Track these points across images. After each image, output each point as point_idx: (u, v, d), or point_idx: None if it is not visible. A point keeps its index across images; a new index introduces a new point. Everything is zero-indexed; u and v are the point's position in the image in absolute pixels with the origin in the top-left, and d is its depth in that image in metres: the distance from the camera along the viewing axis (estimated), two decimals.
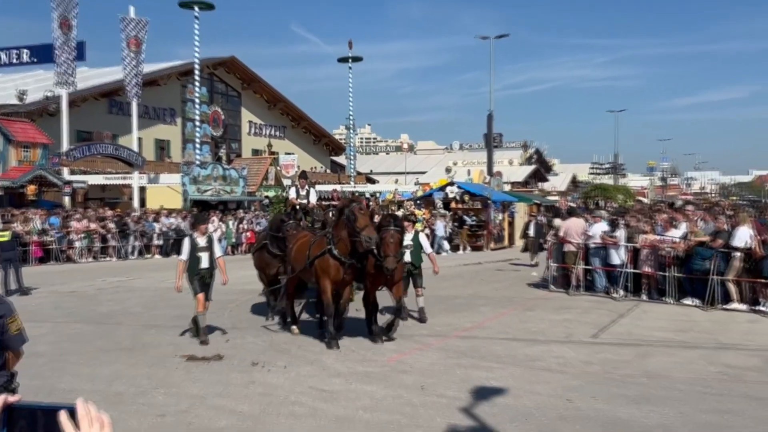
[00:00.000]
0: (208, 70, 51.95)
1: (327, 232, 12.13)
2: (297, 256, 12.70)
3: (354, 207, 11.57)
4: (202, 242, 12.08)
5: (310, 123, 65.93)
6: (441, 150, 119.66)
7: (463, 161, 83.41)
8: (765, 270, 14.83)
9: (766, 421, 7.73)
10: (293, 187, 16.27)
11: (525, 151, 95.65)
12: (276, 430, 7.49)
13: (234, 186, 42.77)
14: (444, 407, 8.28)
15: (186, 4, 40.56)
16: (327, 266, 11.78)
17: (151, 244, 31.30)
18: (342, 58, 54.05)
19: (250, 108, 60.71)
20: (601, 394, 8.83)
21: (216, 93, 56.79)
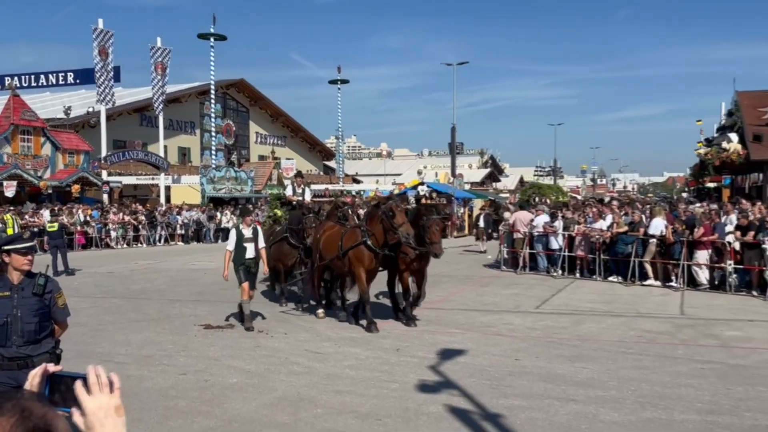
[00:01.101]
0: (221, 90, 51.54)
1: (361, 225, 11.07)
2: (328, 246, 11.46)
3: (392, 205, 10.50)
4: (247, 233, 10.85)
5: (306, 134, 65.60)
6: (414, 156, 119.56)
7: (432, 165, 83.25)
8: (675, 253, 14.94)
9: (676, 375, 7.79)
10: (290, 185, 15.21)
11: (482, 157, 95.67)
12: (278, 385, 7.46)
13: (244, 185, 42.75)
14: (416, 365, 8.29)
15: (203, 36, 40.42)
16: (362, 256, 10.73)
17: (174, 233, 31.24)
18: (332, 80, 54.11)
19: (257, 121, 60.27)
20: (542, 354, 8.88)
21: (228, 109, 56.35)
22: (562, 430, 6.00)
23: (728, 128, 31.00)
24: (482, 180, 79.35)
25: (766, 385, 7.36)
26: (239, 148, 56.67)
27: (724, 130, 32.24)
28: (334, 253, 11.24)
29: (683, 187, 73.82)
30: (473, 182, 71.62)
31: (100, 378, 1.45)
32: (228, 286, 15.83)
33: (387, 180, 68.06)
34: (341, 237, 11.15)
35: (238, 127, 57.27)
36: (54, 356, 4.52)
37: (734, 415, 6.35)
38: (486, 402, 6.72)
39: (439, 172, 58.88)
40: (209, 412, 6.50)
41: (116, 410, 1.44)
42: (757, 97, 29.20)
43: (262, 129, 60.91)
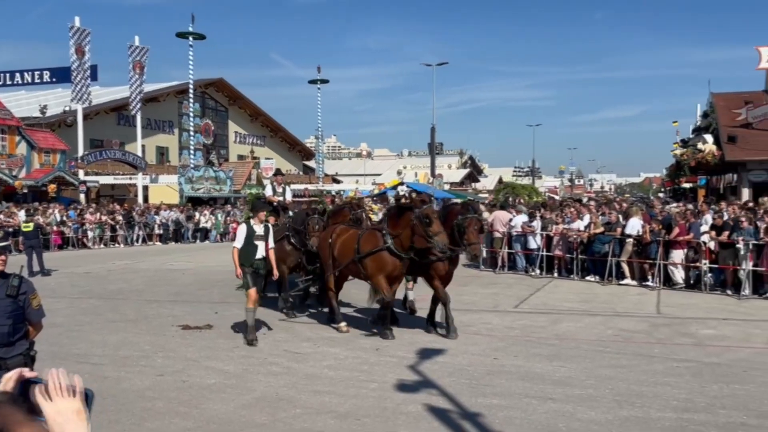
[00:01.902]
0: (200, 89, 51.24)
1: (382, 228, 9.99)
2: (343, 251, 10.42)
3: (429, 211, 9.45)
4: (259, 230, 9.73)
5: (286, 133, 65.39)
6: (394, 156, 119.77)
7: (412, 165, 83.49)
8: (651, 252, 15.09)
9: (652, 374, 7.87)
10: (269, 185, 14.45)
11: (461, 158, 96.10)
12: (256, 385, 7.42)
13: (222, 185, 42.52)
14: (395, 365, 8.29)
15: (182, 35, 40.15)
16: (383, 262, 9.78)
17: (152, 233, 30.95)
18: (312, 80, 53.94)
19: (236, 120, 59.98)
20: (521, 353, 8.92)
21: (207, 108, 56.03)
22: (540, 428, 6.03)
23: (703, 129, 31.40)
24: (461, 180, 79.70)
25: (739, 383, 7.45)
26: (218, 148, 56.39)
27: (699, 131, 32.65)
28: (349, 257, 10.29)
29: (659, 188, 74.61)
30: (453, 182, 71.92)
31: (60, 382, 1.42)
32: (206, 286, 15.82)
33: (367, 180, 68.08)
34: (357, 240, 10.23)
35: (217, 126, 56.98)
36: (28, 358, 4.45)
37: (709, 412, 6.42)
38: (465, 401, 6.74)
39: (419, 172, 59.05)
40: (187, 413, 6.45)
41: (77, 414, 1.41)
42: (732, 98, 29.59)
43: (241, 128, 60.63)
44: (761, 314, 11.93)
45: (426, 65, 52.36)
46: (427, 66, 51.94)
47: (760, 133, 26.42)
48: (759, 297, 13.50)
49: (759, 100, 28.17)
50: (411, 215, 9.51)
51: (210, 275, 17.90)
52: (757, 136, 26.23)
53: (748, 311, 12.24)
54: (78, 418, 1.41)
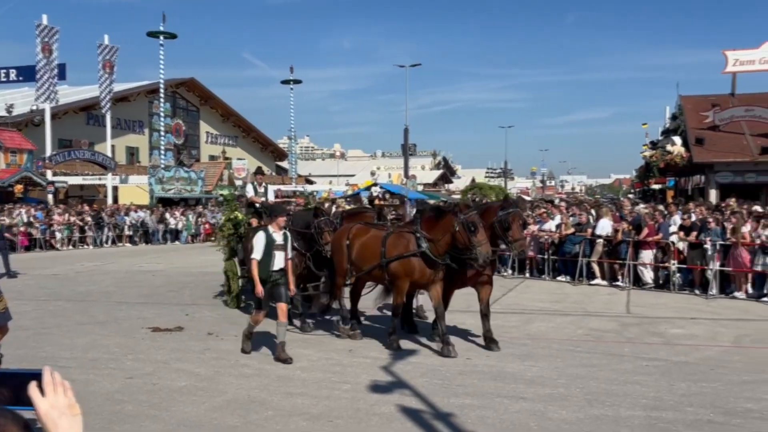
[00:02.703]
0: (171, 89, 50.78)
1: (415, 230, 9.10)
2: (364, 254, 9.60)
3: (474, 217, 8.67)
4: (278, 238, 8.64)
5: (258, 134, 65.06)
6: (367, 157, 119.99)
7: (385, 166, 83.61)
8: (621, 253, 15.28)
9: (622, 372, 7.96)
10: (250, 184, 13.40)
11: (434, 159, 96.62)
12: (227, 388, 7.37)
13: (194, 186, 42.18)
14: (368, 366, 8.29)
15: (152, 34, 39.77)
16: (412, 267, 8.98)
17: (122, 234, 30.63)
18: (285, 80, 53.71)
19: (208, 121, 59.54)
20: (493, 353, 8.97)
21: (178, 108, 55.55)
22: (512, 427, 6.06)
23: (672, 131, 31.87)
24: (435, 181, 79.98)
25: (707, 381, 7.58)
26: (189, 148, 55.89)
27: (668, 133, 33.13)
28: (373, 261, 9.44)
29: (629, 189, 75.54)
30: (426, 183, 72.14)
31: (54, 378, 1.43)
32: (176, 288, 15.66)
33: (340, 181, 68.04)
34: (383, 242, 9.34)
35: (188, 126, 56.50)
36: None
37: (677, 410, 6.51)
38: (437, 401, 6.76)
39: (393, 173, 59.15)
40: (157, 416, 6.38)
41: (71, 409, 1.43)
42: (700, 101, 30.08)
43: (212, 129, 60.20)
44: (728, 313, 12.15)
45: (399, 66, 52.49)
46: (400, 67, 52.07)
47: (726, 135, 26.91)
48: (726, 296, 13.75)
49: (725, 103, 28.68)
50: (453, 220, 8.70)
51: (180, 277, 17.73)
52: (724, 139, 26.71)
53: (716, 310, 12.45)
54: (71, 412, 1.42)
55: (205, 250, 27.63)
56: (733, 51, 29.69)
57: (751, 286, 13.86)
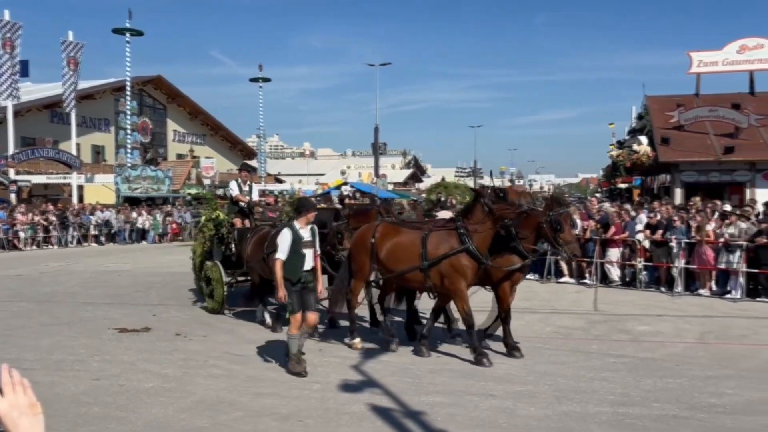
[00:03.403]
0: (137, 87, 50.04)
1: (458, 226, 8.44)
2: (399, 255, 8.78)
3: (564, 215, 8.22)
4: (306, 235, 7.89)
5: (227, 132, 64.52)
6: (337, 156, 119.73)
7: (355, 165, 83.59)
8: (589, 251, 15.47)
9: (590, 369, 8.06)
10: (234, 181, 12.58)
11: (404, 158, 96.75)
12: (196, 388, 7.30)
13: (161, 185, 41.77)
14: (338, 365, 8.28)
15: (118, 30, 39.28)
16: (463, 267, 8.32)
17: (88, 234, 30.20)
18: (253, 78, 53.48)
19: (175, 119, 58.89)
20: (463, 351, 9.01)
21: (145, 106, 54.78)
22: (481, 425, 6.11)
23: (638, 131, 32.32)
24: (405, 180, 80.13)
25: (672, 377, 7.71)
26: (156, 147, 55.20)
27: (634, 133, 33.59)
28: (411, 262, 8.66)
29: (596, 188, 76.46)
30: (396, 182, 72.29)
31: (13, 377, 1.40)
32: (144, 288, 15.47)
33: (310, 180, 67.84)
34: (423, 241, 8.60)
35: (155, 124, 55.59)
36: None
37: (644, 406, 6.62)
38: (408, 399, 6.77)
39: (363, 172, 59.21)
40: (124, 418, 6.30)
41: (31, 408, 1.41)
42: (665, 101, 30.54)
43: (180, 127, 59.57)
44: (693, 310, 12.37)
45: (369, 65, 52.79)
46: (370, 66, 52.34)
47: (691, 135, 27.37)
48: (691, 293, 13.99)
49: (690, 104, 29.17)
50: (539, 218, 8.30)
51: (148, 277, 17.53)
52: (689, 138, 27.16)
53: (681, 307, 12.66)
54: (32, 412, 1.40)
55: (172, 250, 27.36)
56: (698, 52, 30.22)
57: (715, 284, 14.13)
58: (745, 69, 30.04)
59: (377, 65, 51.55)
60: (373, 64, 51.80)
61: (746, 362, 8.51)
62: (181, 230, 33.48)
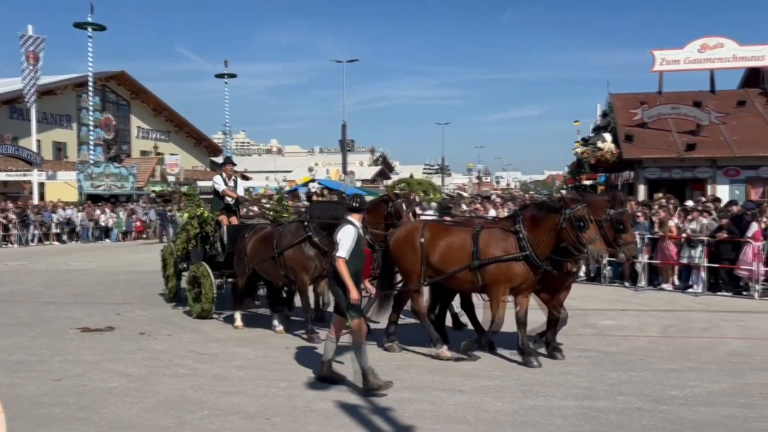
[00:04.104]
0: (100, 82, 49.25)
1: (517, 230, 8.05)
2: (449, 256, 8.33)
3: (583, 211, 7.80)
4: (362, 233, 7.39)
5: (192, 129, 63.79)
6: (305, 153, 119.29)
7: (323, 162, 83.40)
8: None
9: (555, 364, 8.14)
10: (218, 176, 11.90)
11: (372, 155, 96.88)
12: (161, 388, 7.21)
13: (124, 182, 41.23)
14: (306, 363, 8.23)
15: (80, 25, 38.60)
16: (514, 272, 8.03)
17: (49, 232, 29.66)
18: (219, 74, 52.96)
19: (139, 115, 58.04)
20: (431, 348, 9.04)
21: (108, 102, 53.93)
22: (448, 420, 6.13)
23: (603, 129, 32.71)
24: (373, 177, 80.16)
25: (636, 370, 7.84)
26: (119, 143, 54.42)
27: (599, 130, 33.99)
28: (458, 263, 8.28)
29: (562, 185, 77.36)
30: (364, 179, 72.28)
31: None
32: (107, 287, 15.25)
33: (277, 177, 67.48)
34: (474, 241, 8.21)
35: (119, 121, 54.85)
36: None
37: (608, 399, 6.71)
38: (375, 396, 6.78)
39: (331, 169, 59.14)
40: (87, 419, 6.19)
41: None
42: (629, 99, 30.97)
43: (144, 123, 58.74)
44: (656, 304, 12.59)
45: (336, 62, 52.67)
46: (337, 62, 52.24)
47: (654, 132, 27.80)
48: (654, 288, 14.24)
49: (653, 101, 29.62)
50: (557, 217, 7.90)
51: (111, 275, 17.29)
52: (652, 136, 27.58)
53: (644, 302, 12.88)
54: None
55: (136, 248, 27.03)
56: (660, 51, 30.69)
57: (677, 278, 14.40)
58: (706, 68, 30.61)
59: (344, 62, 51.63)
60: (341, 60, 51.87)
61: (707, 355, 8.69)
62: (145, 228, 33.09)
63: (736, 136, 26.66)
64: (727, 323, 10.90)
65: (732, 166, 26.28)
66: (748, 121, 27.74)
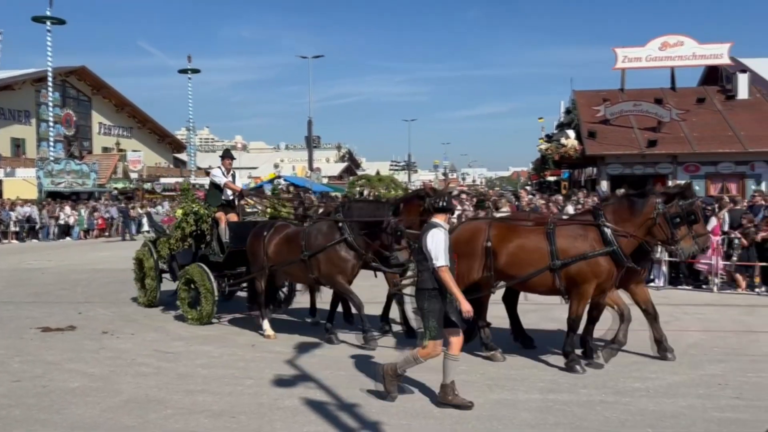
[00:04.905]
0: (60, 78, 48.35)
1: (601, 223, 7.57)
2: (524, 258, 7.70)
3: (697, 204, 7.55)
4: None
5: (155, 125, 63.00)
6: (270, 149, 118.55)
7: (289, 159, 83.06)
8: None
9: (521, 358, 8.23)
10: (218, 168, 10.94)
11: (339, 151, 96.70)
12: (124, 387, 7.12)
13: (86, 179, 40.52)
14: (272, 360, 8.20)
15: (38, 19, 37.81)
16: (601, 269, 7.50)
17: (8, 230, 29.04)
18: (182, 69, 52.36)
19: (100, 111, 57.11)
20: (397, 342, 9.07)
21: (68, 97, 52.99)
22: (414, 414, 6.16)
23: (566, 125, 33.14)
24: (340, 174, 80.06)
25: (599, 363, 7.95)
26: (80, 140, 53.48)
27: (562, 127, 34.42)
28: (537, 265, 7.68)
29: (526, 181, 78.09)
30: (331, 176, 72.14)
31: None
32: (68, 285, 14.99)
33: (242, 173, 67.00)
34: (549, 239, 7.65)
35: (80, 117, 53.93)
36: None
37: (572, 392, 6.81)
38: (342, 393, 6.78)
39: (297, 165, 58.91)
40: (47, 420, 6.09)
41: None
42: (592, 96, 31.41)
43: (105, 119, 57.84)
44: None
45: (302, 57, 52.43)
46: (302, 58, 52.00)
47: (616, 129, 28.24)
48: None
49: (615, 98, 30.07)
50: (651, 211, 7.49)
51: (72, 274, 17.00)
52: (614, 132, 28.02)
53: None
54: None
55: (98, 246, 26.59)
56: (623, 48, 31.16)
57: None
58: (666, 65, 31.19)
59: (310, 57, 51.33)
60: (306, 56, 51.49)
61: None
62: (107, 226, 32.57)
63: (696, 133, 27.22)
64: (688, 316, 11.13)
65: (692, 162, 26.84)
66: (707, 118, 28.35)
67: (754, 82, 30.69)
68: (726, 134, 27.01)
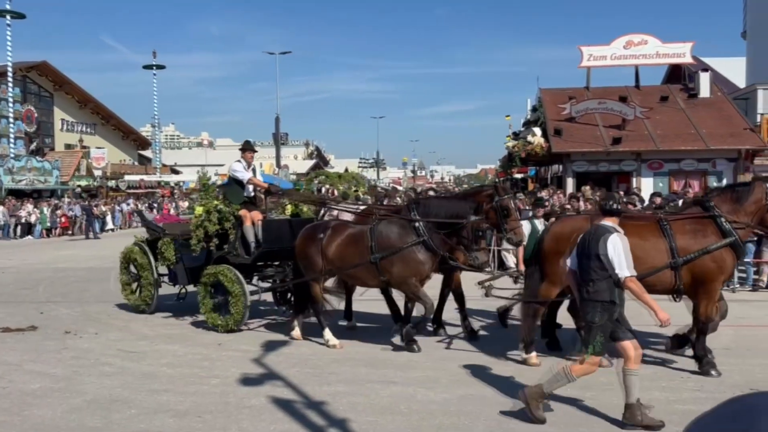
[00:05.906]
0: (20, 73, 47.30)
1: (715, 214, 7.16)
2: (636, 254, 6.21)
3: None
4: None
5: (119, 121, 62.02)
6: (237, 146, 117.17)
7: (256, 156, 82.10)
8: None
9: (488, 354, 8.29)
10: (238, 162, 10.06)
11: (307, 148, 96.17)
12: (87, 387, 7.01)
13: (48, 176, 39.77)
14: (238, 359, 8.15)
15: None
16: (726, 264, 7.10)
17: None
18: (147, 65, 51.68)
19: (63, 107, 56.02)
20: (366, 340, 9.08)
21: (29, 93, 51.84)
22: (382, 411, 6.17)
23: (533, 123, 33.37)
24: (308, 171, 79.61)
25: (564, 358, 8.04)
26: (42, 136, 52.46)
27: (529, 124, 34.66)
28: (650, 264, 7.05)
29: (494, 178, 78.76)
30: (299, 173, 71.73)
31: None
32: (30, 285, 14.70)
33: (209, 170, 66.35)
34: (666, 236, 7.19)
35: (41, 113, 52.84)
36: None
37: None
38: (309, 390, 6.76)
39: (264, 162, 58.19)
40: (7, 422, 5.97)
41: None
42: (558, 94, 31.68)
43: (68, 116, 56.77)
44: None
45: (269, 54, 52.08)
46: (270, 54, 51.65)
47: (581, 126, 28.53)
48: None
49: (581, 96, 30.39)
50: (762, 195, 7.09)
51: (34, 273, 16.68)
52: (580, 130, 28.31)
53: None
54: None
55: (61, 245, 26.13)
56: (588, 47, 31.48)
57: None
58: (631, 63, 31.56)
59: (277, 53, 50.98)
60: (273, 52, 51.11)
61: None
62: (71, 224, 32.02)
63: (660, 131, 27.63)
64: (645, 309, 11.29)
65: (656, 159, 27.22)
66: (670, 115, 28.78)
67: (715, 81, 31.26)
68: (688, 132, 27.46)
